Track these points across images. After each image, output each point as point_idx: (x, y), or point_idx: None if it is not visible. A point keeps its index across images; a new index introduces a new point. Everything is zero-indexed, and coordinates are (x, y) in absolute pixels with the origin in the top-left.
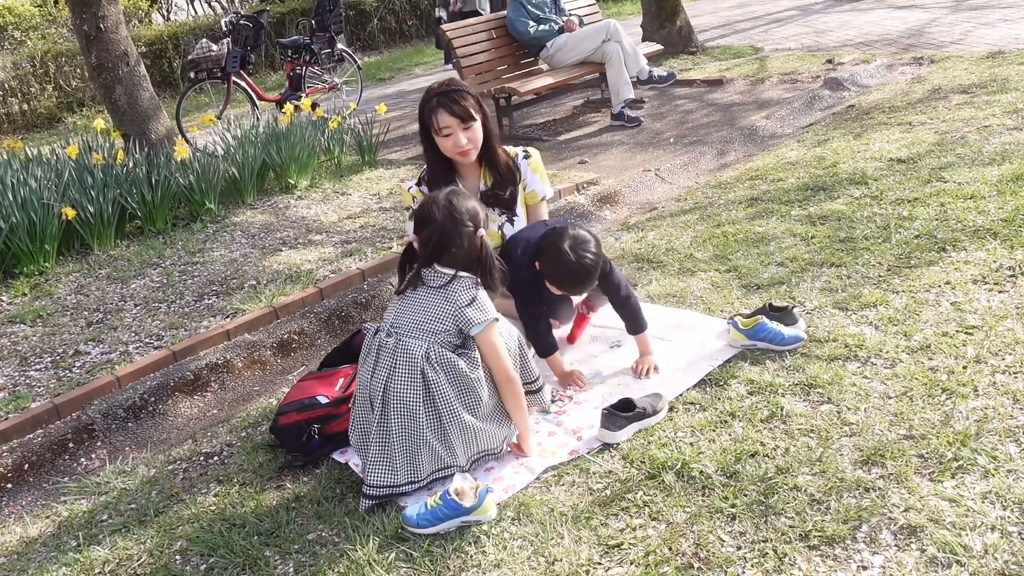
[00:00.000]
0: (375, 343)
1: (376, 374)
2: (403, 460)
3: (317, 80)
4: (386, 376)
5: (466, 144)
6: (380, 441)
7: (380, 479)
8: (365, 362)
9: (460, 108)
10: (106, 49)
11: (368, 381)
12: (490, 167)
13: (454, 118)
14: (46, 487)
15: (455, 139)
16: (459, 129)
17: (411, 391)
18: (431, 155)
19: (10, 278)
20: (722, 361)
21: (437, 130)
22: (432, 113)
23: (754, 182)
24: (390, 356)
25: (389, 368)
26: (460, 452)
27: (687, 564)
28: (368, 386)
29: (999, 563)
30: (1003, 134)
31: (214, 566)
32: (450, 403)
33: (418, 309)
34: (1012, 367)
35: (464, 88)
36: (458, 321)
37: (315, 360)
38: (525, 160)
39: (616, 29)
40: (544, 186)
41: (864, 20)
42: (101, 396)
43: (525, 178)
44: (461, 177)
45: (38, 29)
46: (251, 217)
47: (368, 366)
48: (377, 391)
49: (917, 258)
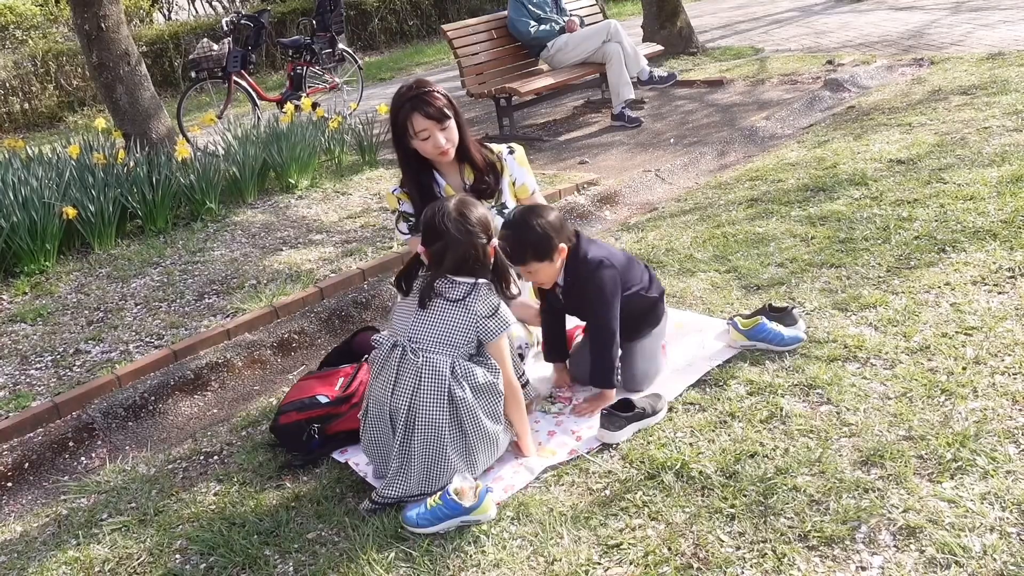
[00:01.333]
0: (393, 358)
1: (397, 391)
2: (421, 474)
3: (318, 80)
4: (411, 394)
5: (445, 144)
6: (401, 458)
7: (393, 491)
8: (381, 376)
9: (434, 109)
10: (107, 48)
11: (387, 398)
12: (469, 162)
13: (430, 120)
14: (46, 486)
15: (434, 140)
16: (436, 130)
17: (439, 410)
18: (404, 158)
19: (11, 277)
20: (722, 361)
21: (414, 134)
22: (406, 118)
23: (754, 183)
24: (414, 374)
25: (413, 387)
26: (482, 464)
27: (686, 564)
28: (387, 403)
29: (998, 564)
30: (1003, 135)
31: (214, 565)
32: (475, 415)
33: (437, 322)
34: (1011, 368)
35: (435, 88)
36: (479, 331)
37: (315, 360)
38: (510, 155)
39: (617, 30)
40: (532, 179)
41: (864, 21)
42: (101, 395)
43: (513, 173)
44: (442, 175)
45: (39, 28)
46: (251, 217)
47: (385, 382)
48: (400, 409)
49: (917, 259)
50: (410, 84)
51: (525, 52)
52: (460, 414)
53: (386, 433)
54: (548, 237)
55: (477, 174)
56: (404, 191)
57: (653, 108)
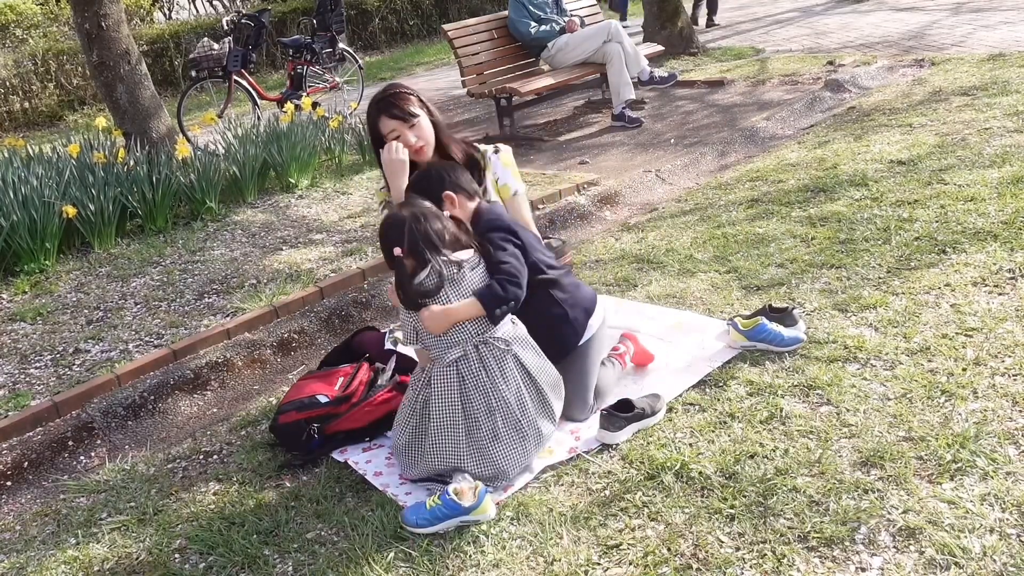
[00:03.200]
0: (474, 359)
1: (507, 381)
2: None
3: (318, 79)
4: (516, 380)
5: (416, 142)
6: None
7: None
8: (469, 382)
9: (399, 110)
10: (107, 47)
11: (495, 393)
12: (447, 158)
13: (395, 120)
14: (46, 485)
15: (404, 139)
16: (405, 129)
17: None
18: (381, 162)
19: (11, 276)
20: (722, 362)
21: (385, 136)
22: (375, 122)
23: (754, 183)
24: (512, 361)
25: (511, 373)
26: (557, 409)
27: (686, 565)
28: (496, 399)
29: (997, 565)
30: (1004, 136)
31: (213, 564)
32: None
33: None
34: (1011, 369)
35: (403, 89)
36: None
37: (315, 359)
38: (495, 155)
39: (617, 30)
40: (516, 181)
41: (865, 22)
42: (101, 394)
43: (496, 172)
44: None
45: (40, 27)
46: (252, 216)
47: (482, 382)
48: (508, 398)
49: (917, 260)
50: (381, 90)
51: (525, 52)
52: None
53: (491, 425)
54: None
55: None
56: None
57: (653, 108)
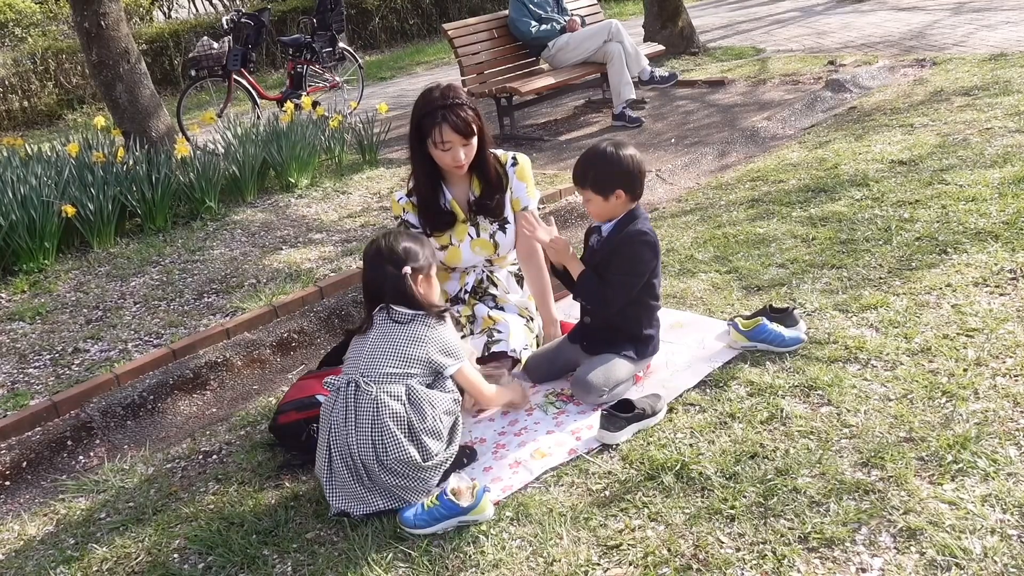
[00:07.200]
0: (347, 396)
1: (360, 431)
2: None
3: (318, 79)
4: (375, 433)
5: (463, 159)
6: (376, 491)
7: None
8: (335, 416)
9: (463, 124)
10: (107, 46)
11: (349, 440)
12: (480, 176)
13: (457, 134)
14: (44, 485)
15: (454, 154)
16: (459, 145)
17: (400, 449)
18: (418, 161)
19: (9, 275)
20: (722, 362)
21: (437, 143)
22: (434, 126)
23: (755, 183)
24: (373, 409)
25: (371, 423)
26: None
27: (686, 565)
28: (351, 447)
29: (998, 566)
30: (1005, 136)
31: (212, 564)
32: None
33: (387, 346)
34: (1013, 370)
35: (465, 100)
36: (433, 365)
37: (315, 359)
38: (512, 167)
39: (618, 29)
40: (528, 196)
41: (866, 22)
42: (100, 394)
43: (511, 184)
44: (449, 184)
45: (39, 26)
46: (251, 215)
47: (344, 422)
48: (367, 453)
49: (918, 260)
50: (442, 89)
51: (526, 51)
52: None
53: (355, 479)
54: (613, 173)
55: (487, 189)
56: (411, 201)
57: (654, 108)
